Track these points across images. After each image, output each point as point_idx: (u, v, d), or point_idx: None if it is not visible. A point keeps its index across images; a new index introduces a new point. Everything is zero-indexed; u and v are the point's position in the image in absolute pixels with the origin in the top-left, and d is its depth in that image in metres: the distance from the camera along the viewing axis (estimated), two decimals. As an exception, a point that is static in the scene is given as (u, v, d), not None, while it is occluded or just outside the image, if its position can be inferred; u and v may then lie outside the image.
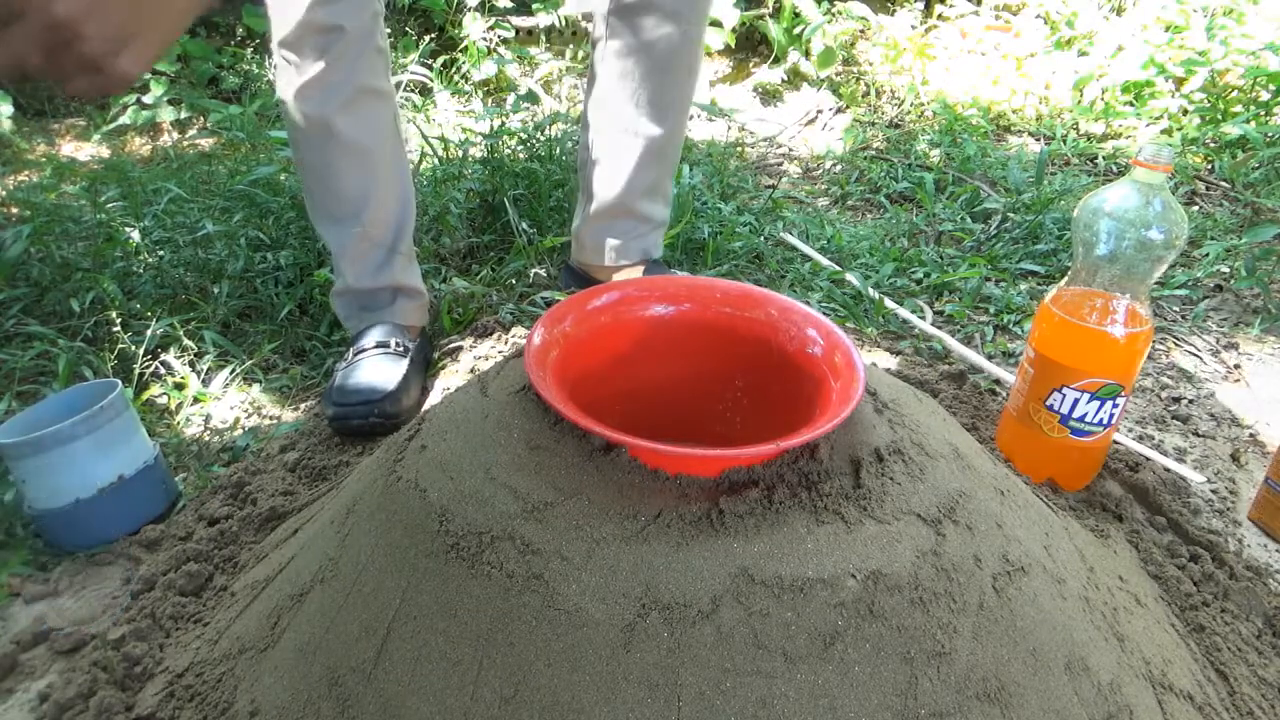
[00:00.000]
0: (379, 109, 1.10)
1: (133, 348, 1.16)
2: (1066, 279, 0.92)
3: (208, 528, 0.89)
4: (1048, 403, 0.92)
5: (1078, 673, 0.56)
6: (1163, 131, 2.27)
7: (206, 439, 1.08)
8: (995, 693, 0.52)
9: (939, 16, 2.99)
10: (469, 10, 2.65)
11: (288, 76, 1.03)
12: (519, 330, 1.28)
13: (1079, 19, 2.77)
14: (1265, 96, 2.18)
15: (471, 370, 1.20)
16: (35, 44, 0.50)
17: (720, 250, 1.54)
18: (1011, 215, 1.75)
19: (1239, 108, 2.18)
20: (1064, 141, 2.30)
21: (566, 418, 0.57)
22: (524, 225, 1.49)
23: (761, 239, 1.64)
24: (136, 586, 0.80)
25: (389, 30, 2.56)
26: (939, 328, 1.35)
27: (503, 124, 1.77)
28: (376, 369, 1.09)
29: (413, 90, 2.39)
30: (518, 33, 2.76)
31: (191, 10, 0.57)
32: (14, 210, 1.59)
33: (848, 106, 2.62)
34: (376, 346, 1.13)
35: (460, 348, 1.25)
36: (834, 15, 2.77)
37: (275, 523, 0.89)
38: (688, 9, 1.12)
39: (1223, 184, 1.94)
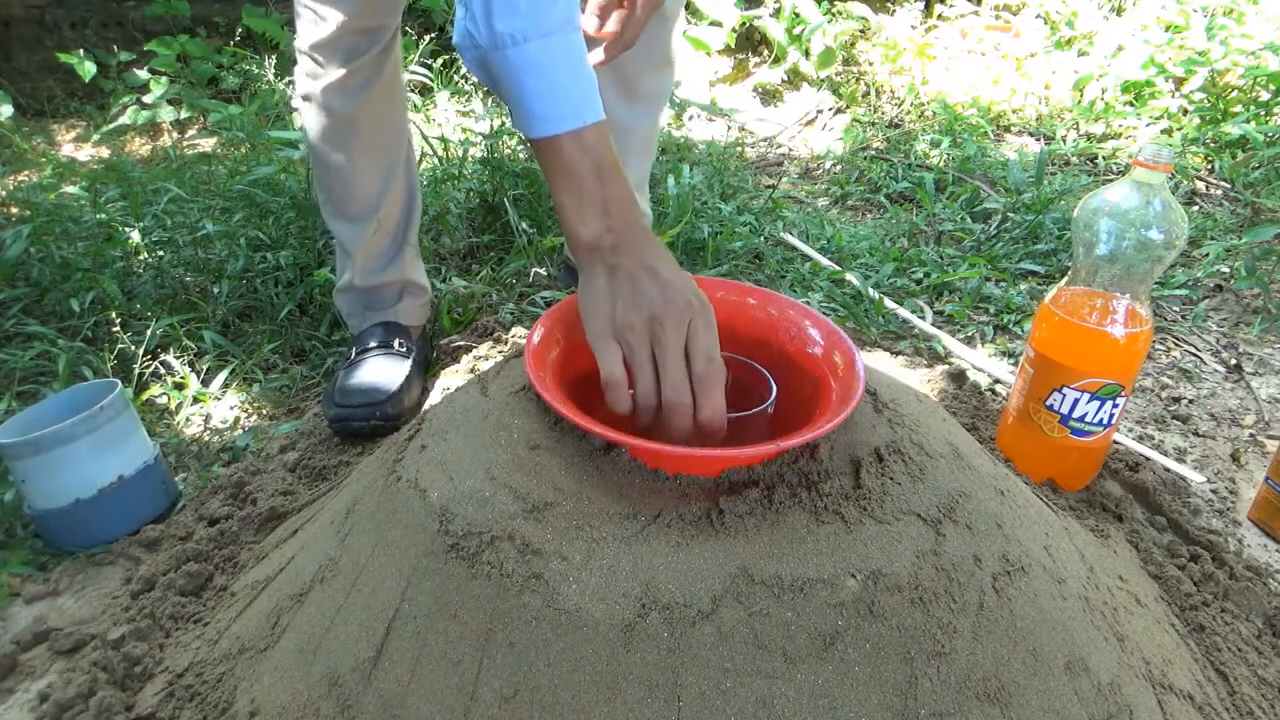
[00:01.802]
0: (397, 101, 1.11)
1: (133, 348, 1.16)
2: (1066, 279, 0.92)
3: (208, 528, 0.89)
4: (1048, 403, 0.92)
5: (1078, 673, 0.56)
6: (1163, 131, 2.27)
7: (206, 439, 1.08)
8: (995, 693, 0.52)
9: (939, 16, 2.99)
10: (469, 10, 2.64)
11: (314, 74, 1.02)
12: (519, 330, 1.28)
13: (1079, 19, 2.77)
14: (1265, 96, 2.18)
15: (471, 370, 1.20)
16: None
17: (720, 250, 1.54)
18: (1011, 215, 1.75)
19: (1239, 108, 2.18)
20: (1064, 141, 2.30)
21: (566, 418, 0.57)
22: (524, 225, 1.49)
23: (761, 239, 1.64)
24: (136, 586, 0.80)
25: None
26: (939, 328, 1.35)
27: (503, 124, 1.77)
28: (379, 369, 1.09)
29: (413, 90, 2.39)
30: (518, 33, 2.76)
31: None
32: (14, 210, 1.59)
33: (847, 106, 2.62)
34: (379, 347, 1.13)
35: (460, 348, 1.25)
36: (834, 15, 2.77)
37: (275, 523, 0.89)
38: (666, 2, 1.12)
39: (1223, 184, 1.94)
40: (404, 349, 1.14)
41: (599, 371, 0.62)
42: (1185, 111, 2.28)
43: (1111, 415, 0.90)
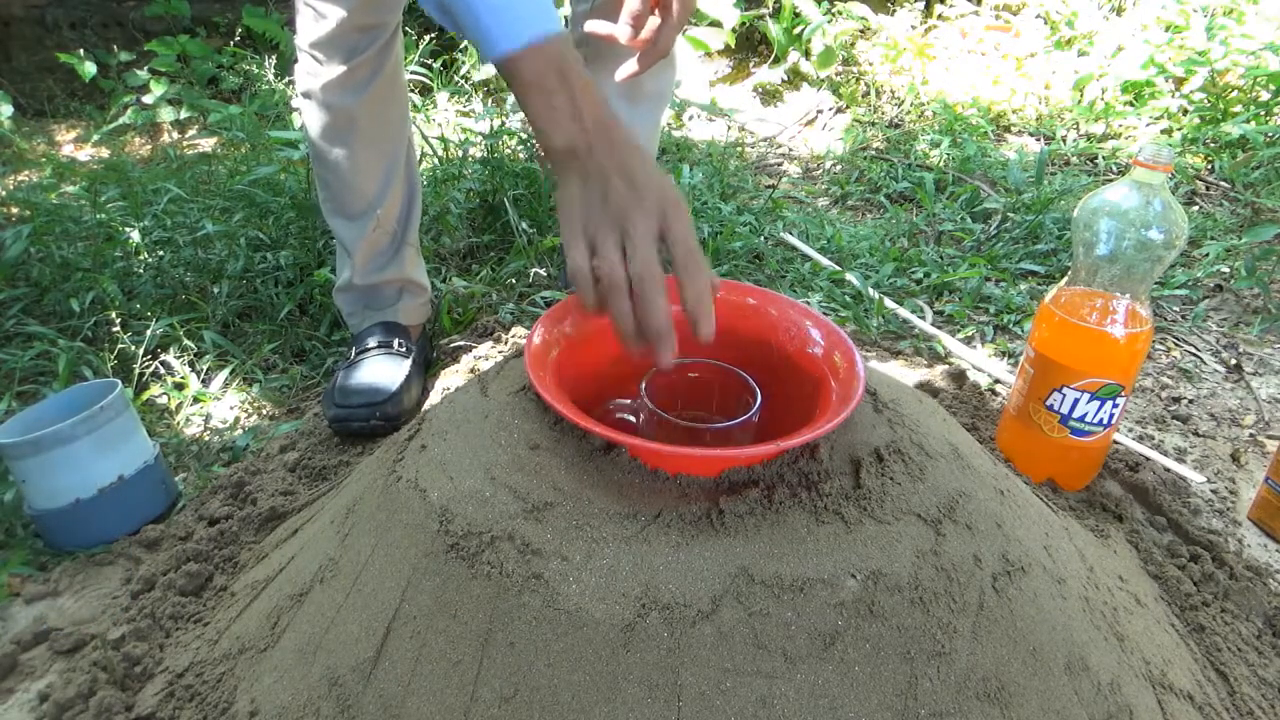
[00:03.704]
0: (398, 99, 1.11)
1: (133, 348, 1.16)
2: (1066, 279, 0.92)
3: (208, 528, 0.89)
4: (1048, 403, 0.92)
5: (1078, 673, 0.56)
6: (1163, 131, 2.27)
7: (206, 439, 1.08)
8: (995, 693, 0.52)
9: (939, 16, 2.99)
10: (469, 10, 2.64)
11: (315, 72, 1.02)
12: (519, 330, 1.28)
13: (1079, 19, 2.77)
14: (1265, 96, 2.18)
15: (471, 370, 1.20)
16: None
17: (720, 250, 1.54)
18: (1011, 215, 1.75)
19: (1239, 108, 2.18)
20: (1064, 141, 2.30)
21: (566, 418, 0.57)
22: (524, 225, 1.49)
23: (761, 239, 1.64)
24: (136, 586, 0.80)
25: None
26: (939, 328, 1.35)
27: (503, 124, 1.77)
28: (379, 369, 1.09)
29: (413, 90, 2.39)
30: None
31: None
32: (14, 210, 1.59)
33: (848, 106, 2.62)
34: (379, 346, 1.13)
35: (460, 348, 1.25)
36: (834, 15, 2.77)
37: (275, 523, 0.89)
38: None
39: (1223, 184, 1.94)
40: (404, 349, 1.14)
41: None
42: (1185, 111, 2.28)
43: (1111, 415, 0.90)
